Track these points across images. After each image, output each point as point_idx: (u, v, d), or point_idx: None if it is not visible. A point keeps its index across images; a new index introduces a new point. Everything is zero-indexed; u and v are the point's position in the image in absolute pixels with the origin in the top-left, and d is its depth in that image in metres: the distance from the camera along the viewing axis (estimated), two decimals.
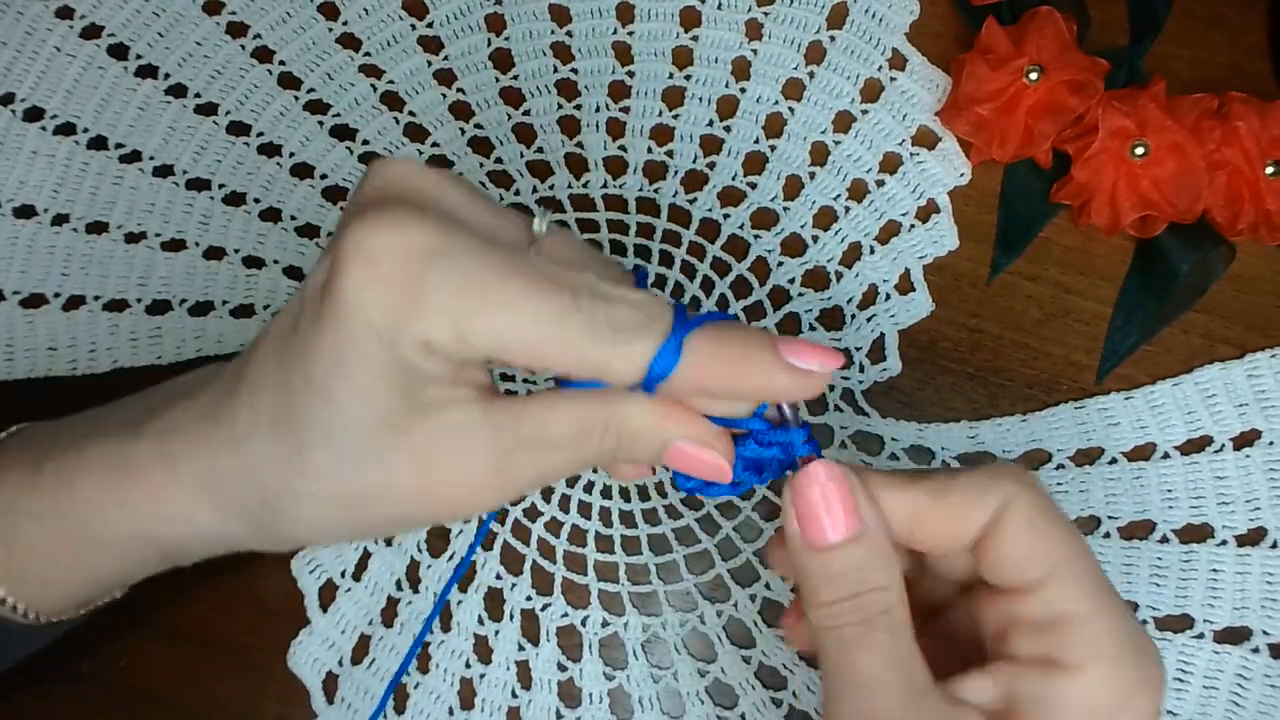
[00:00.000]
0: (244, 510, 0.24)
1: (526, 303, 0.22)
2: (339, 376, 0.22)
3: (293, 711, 0.35)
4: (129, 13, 0.43)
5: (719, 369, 0.23)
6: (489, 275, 0.22)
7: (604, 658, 0.36)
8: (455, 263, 0.21)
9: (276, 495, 0.23)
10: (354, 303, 0.21)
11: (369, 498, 0.23)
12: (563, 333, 0.22)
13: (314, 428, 0.23)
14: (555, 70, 0.43)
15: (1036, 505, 0.23)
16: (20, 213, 0.40)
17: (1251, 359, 0.39)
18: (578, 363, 0.22)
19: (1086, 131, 0.39)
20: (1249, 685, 0.36)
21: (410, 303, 0.21)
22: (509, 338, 0.22)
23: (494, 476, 0.23)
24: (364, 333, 0.21)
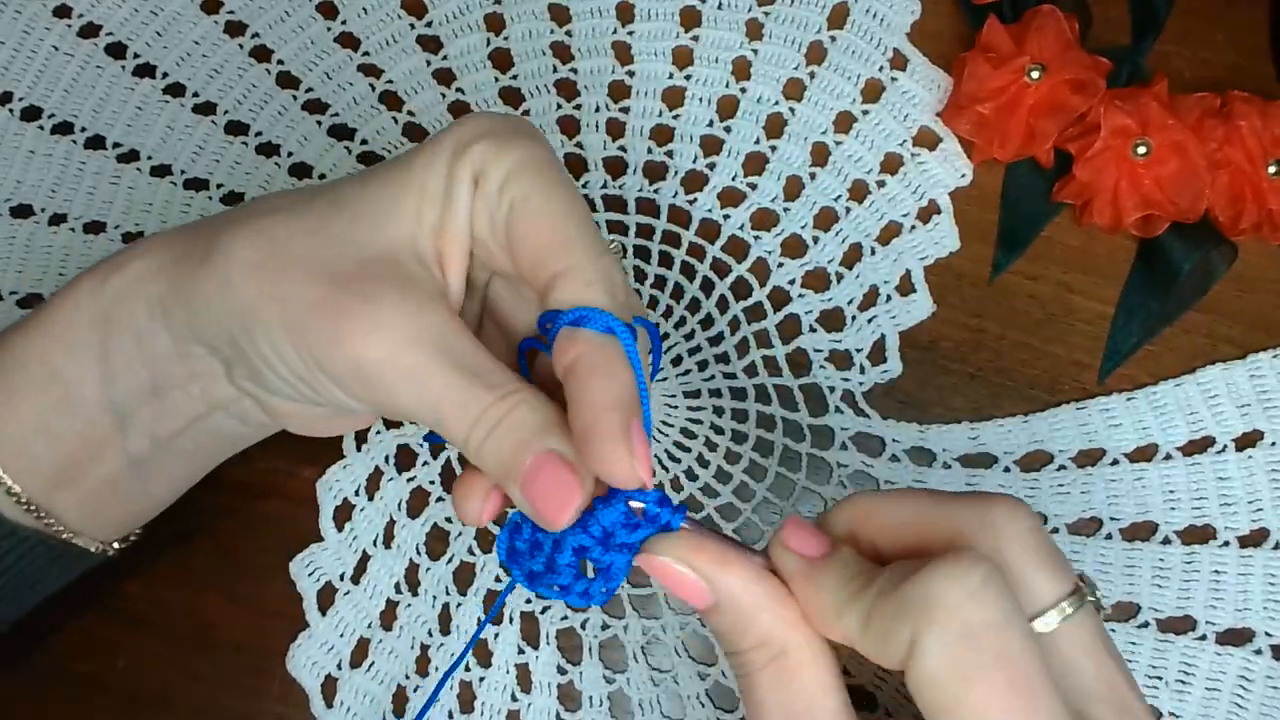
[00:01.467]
0: (187, 257, 0.26)
1: (568, 198, 0.26)
2: (400, 171, 0.26)
3: (292, 713, 0.35)
4: (127, 11, 0.43)
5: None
6: (551, 165, 0.26)
7: (604, 661, 0.36)
8: (538, 143, 0.26)
9: (218, 234, 0.26)
10: (463, 123, 0.26)
11: (289, 271, 0.25)
12: (572, 228, 0.26)
13: (326, 197, 0.26)
14: (555, 70, 0.43)
15: (946, 653, 0.19)
16: (17, 212, 0.40)
17: (1254, 359, 0.39)
18: (563, 249, 0.25)
19: (1088, 130, 0.39)
20: (1251, 687, 0.35)
21: (495, 137, 0.26)
22: (535, 206, 0.25)
23: (398, 329, 0.24)
24: (453, 142, 0.26)
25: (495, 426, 0.24)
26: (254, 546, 0.36)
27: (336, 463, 0.37)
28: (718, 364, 0.39)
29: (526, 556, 0.25)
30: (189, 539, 0.36)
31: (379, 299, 0.24)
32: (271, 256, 0.25)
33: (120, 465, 0.28)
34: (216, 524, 0.37)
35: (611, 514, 0.24)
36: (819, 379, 0.39)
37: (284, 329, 0.25)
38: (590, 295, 0.25)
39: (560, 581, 0.25)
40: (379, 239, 0.25)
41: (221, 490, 0.37)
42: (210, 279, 0.25)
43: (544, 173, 0.26)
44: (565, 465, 0.24)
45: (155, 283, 0.26)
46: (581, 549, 0.24)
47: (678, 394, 0.39)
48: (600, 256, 0.25)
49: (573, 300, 0.24)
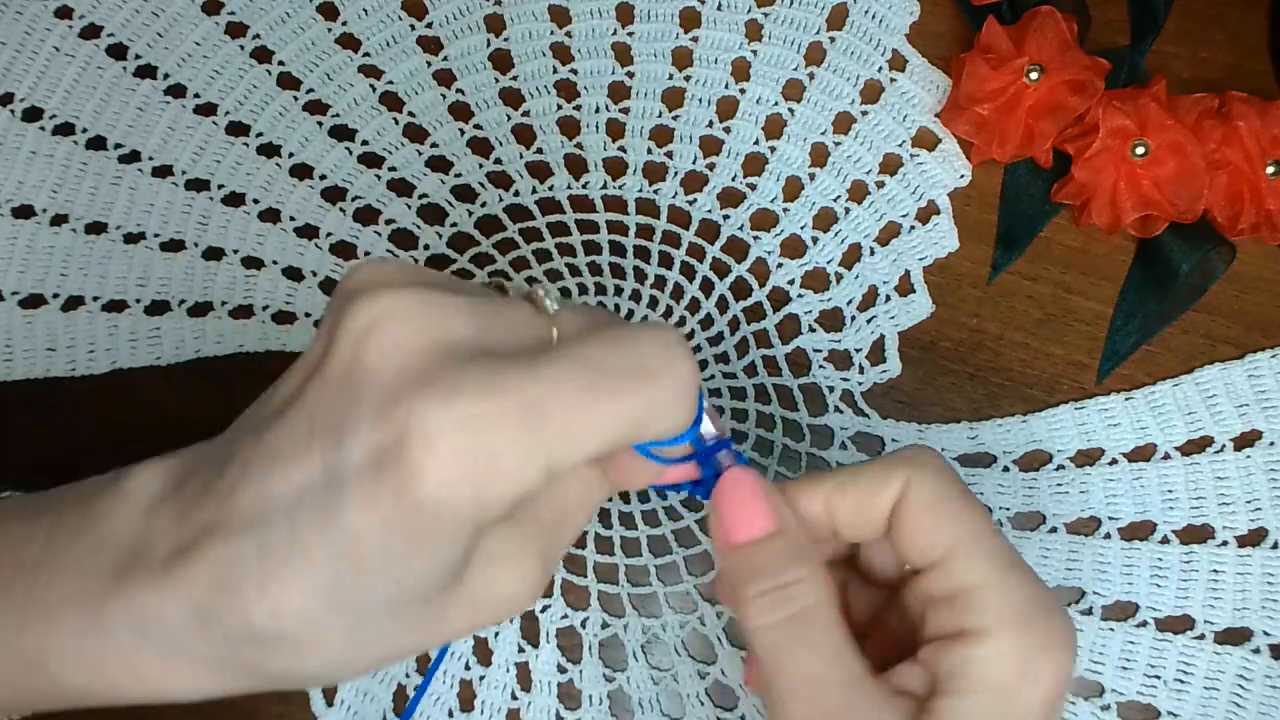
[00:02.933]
0: (240, 669, 0.21)
1: (594, 410, 0.20)
2: (403, 557, 0.19)
3: (293, 711, 0.35)
4: (128, 13, 0.43)
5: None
6: (550, 400, 0.19)
7: (604, 659, 0.36)
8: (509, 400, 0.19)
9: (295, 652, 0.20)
10: (439, 489, 0.19)
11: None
12: (629, 416, 0.20)
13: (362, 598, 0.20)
14: (555, 71, 0.43)
15: (935, 485, 0.24)
16: (19, 213, 0.40)
17: (1252, 359, 0.39)
18: (643, 433, 0.21)
19: (1087, 131, 0.39)
20: (1250, 686, 0.36)
21: (493, 465, 0.19)
22: (590, 449, 0.20)
23: (542, 575, 0.22)
24: (448, 516, 0.19)
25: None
26: None
27: None
28: (717, 364, 0.39)
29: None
30: None
31: (515, 574, 0.22)
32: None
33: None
34: None
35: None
36: (818, 379, 0.39)
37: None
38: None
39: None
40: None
41: None
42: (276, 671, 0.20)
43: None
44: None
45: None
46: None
47: None
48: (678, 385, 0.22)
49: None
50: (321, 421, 0.20)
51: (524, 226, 0.41)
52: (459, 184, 0.41)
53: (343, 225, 0.41)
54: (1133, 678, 0.36)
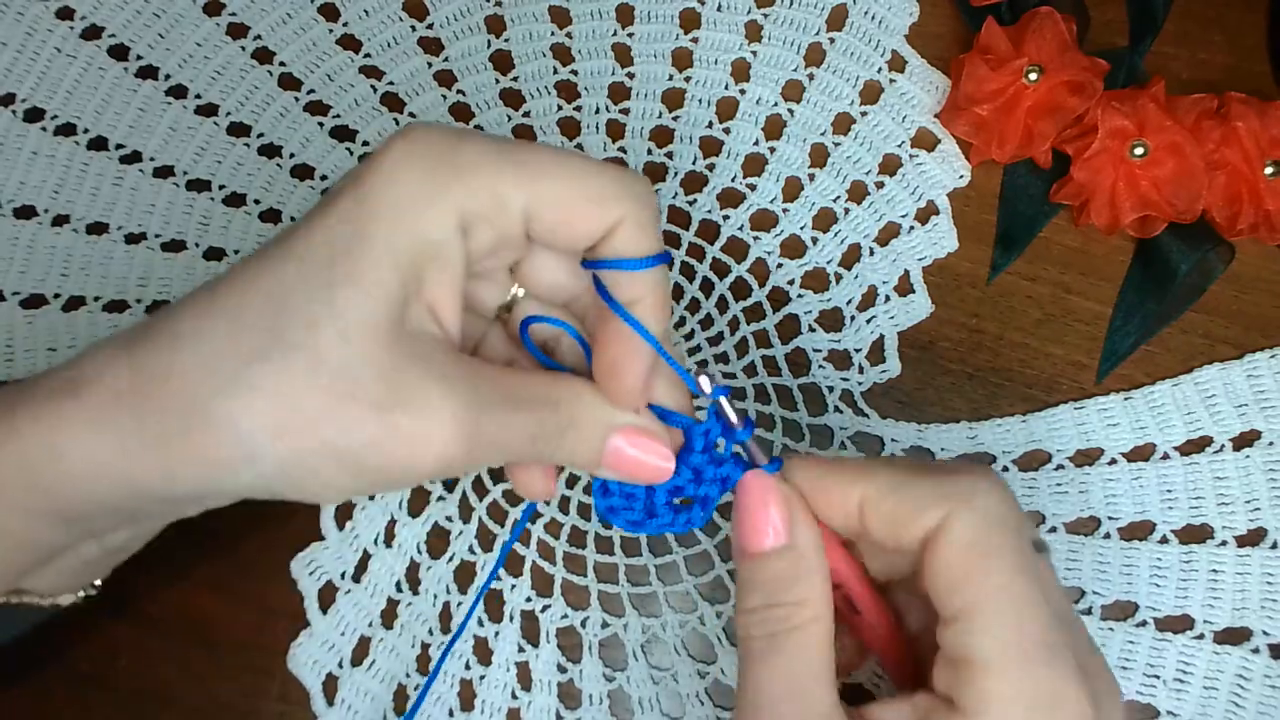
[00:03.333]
0: (161, 434, 0.23)
1: (560, 163, 0.24)
2: (352, 259, 0.22)
3: (293, 711, 0.35)
4: (129, 14, 0.43)
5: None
6: (519, 146, 0.24)
7: (604, 659, 0.36)
8: (486, 138, 0.23)
9: (208, 404, 0.22)
10: (391, 172, 0.22)
11: (320, 418, 0.22)
12: (596, 188, 0.24)
13: (295, 321, 0.22)
14: (555, 72, 0.43)
15: (975, 530, 0.22)
16: (20, 213, 0.40)
17: (1251, 359, 0.39)
18: (606, 219, 0.24)
19: (1086, 132, 0.39)
20: (1249, 686, 0.36)
21: (449, 170, 0.23)
22: (552, 198, 0.23)
23: (460, 431, 0.23)
24: (397, 204, 0.22)
25: (562, 435, 0.24)
26: (255, 545, 0.36)
27: None
28: (717, 364, 0.39)
29: (624, 509, 0.27)
30: (190, 537, 0.36)
31: (429, 406, 0.23)
32: (289, 418, 0.22)
33: (96, 553, 0.27)
34: (218, 522, 0.37)
35: (696, 458, 0.26)
36: (818, 379, 0.39)
37: (340, 468, 0.23)
38: (645, 237, 0.25)
39: (661, 523, 0.26)
40: (376, 341, 0.23)
41: None
42: (225, 456, 0.23)
43: (528, 164, 0.24)
44: (642, 434, 0.25)
45: (125, 462, 0.23)
46: (676, 489, 0.26)
47: None
48: (636, 190, 0.24)
49: (629, 249, 0.25)
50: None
51: None
52: None
53: None
54: (1132, 677, 0.36)
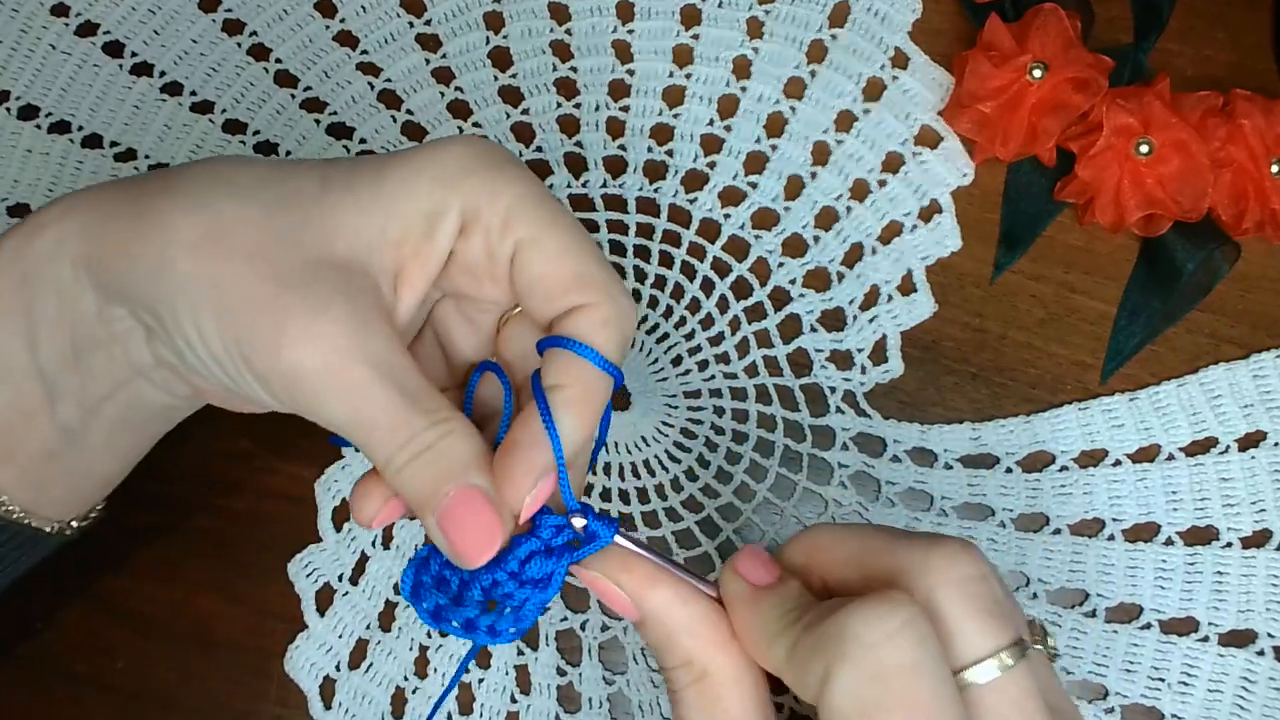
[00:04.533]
0: (111, 218, 0.25)
1: (576, 234, 0.26)
2: (361, 176, 0.25)
3: (291, 714, 0.35)
4: (124, 10, 0.43)
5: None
6: (555, 201, 0.26)
7: (603, 662, 0.36)
8: (535, 179, 0.26)
9: (152, 199, 0.24)
10: (446, 142, 0.25)
11: (230, 259, 0.23)
12: (591, 269, 0.25)
13: (279, 181, 0.25)
14: (554, 69, 0.43)
15: (853, 691, 0.19)
16: (15, 211, 0.40)
17: (1257, 359, 0.39)
18: (578, 295, 0.25)
19: (1090, 129, 0.39)
20: (1254, 688, 0.35)
21: (488, 165, 0.25)
22: (547, 245, 0.25)
23: (325, 351, 0.23)
24: (431, 160, 0.25)
25: (421, 452, 0.23)
26: (253, 547, 0.36)
27: (335, 463, 0.37)
28: (718, 364, 0.39)
29: (433, 591, 0.25)
30: (188, 539, 0.36)
31: (325, 307, 0.23)
32: (213, 238, 0.24)
33: (53, 435, 0.27)
34: (215, 524, 0.37)
35: (529, 546, 0.24)
36: (820, 379, 0.39)
37: (215, 316, 0.24)
38: (604, 336, 0.25)
39: (465, 615, 0.24)
40: (333, 246, 0.24)
41: (221, 491, 0.37)
42: (143, 247, 0.24)
43: (546, 208, 0.25)
44: (487, 503, 0.23)
45: (81, 242, 0.25)
46: (493, 585, 0.24)
47: (678, 394, 0.38)
48: (618, 296, 0.25)
49: (585, 335, 0.25)
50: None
51: None
52: None
53: None
54: (1137, 680, 0.35)
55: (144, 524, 0.36)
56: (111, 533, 0.31)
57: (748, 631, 0.23)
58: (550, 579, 0.24)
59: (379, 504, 0.25)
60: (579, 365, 0.25)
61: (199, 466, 0.37)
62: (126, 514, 0.32)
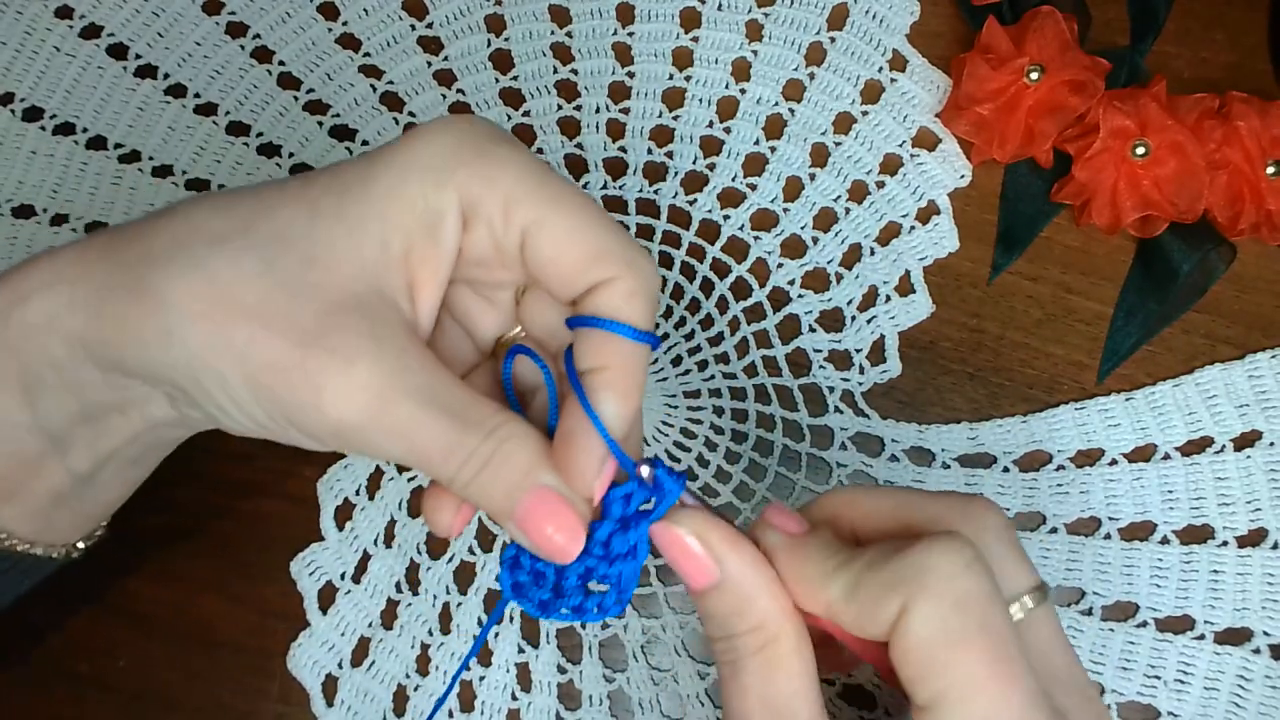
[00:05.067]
0: (106, 290, 0.24)
1: (580, 204, 0.24)
2: (349, 196, 0.23)
3: (293, 712, 0.35)
4: (128, 13, 0.43)
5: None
6: (549, 171, 0.24)
7: (604, 660, 0.36)
8: (526, 152, 0.24)
9: (149, 270, 0.23)
10: (423, 134, 0.24)
11: (242, 319, 0.22)
12: (602, 239, 0.24)
13: (267, 227, 0.23)
14: (555, 71, 0.43)
15: (932, 618, 0.20)
16: (19, 212, 0.40)
17: (1252, 359, 0.39)
18: (597, 271, 0.24)
19: (1087, 131, 0.39)
20: (1250, 686, 0.36)
21: (474, 151, 0.24)
22: (554, 227, 0.24)
23: (364, 399, 0.22)
24: (412, 162, 0.23)
25: (483, 467, 0.23)
26: (255, 546, 0.36)
27: (337, 462, 0.37)
28: (717, 364, 0.39)
29: (532, 587, 0.25)
30: (190, 538, 0.36)
31: (353, 355, 0.22)
32: (217, 305, 0.23)
33: (63, 480, 0.27)
34: (218, 523, 0.37)
35: (607, 527, 0.24)
36: (818, 379, 0.39)
37: (245, 385, 0.23)
38: (633, 308, 0.24)
39: (571, 604, 0.25)
40: (338, 280, 0.23)
41: (222, 490, 0.37)
42: (146, 325, 0.23)
43: (547, 186, 0.24)
44: (561, 502, 0.23)
45: (72, 318, 0.24)
46: (587, 571, 0.24)
47: (678, 394, 0.39)
48: (638, 262, 0.24)
49: (613, 311, 0.24)
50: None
51: None
52: None
53: None
54: (1133, 678, 0.36)
55: (146, 524, 0.36)
56: (114, 533, 0.32)
57: (796, 574, 0.23)
58: (636, 549, 0.24)
59: (451, 513, 0.25)
60: (614, 343, 0.24)
61: (201, 467, 0.37)
62: (129, 515, 0.32)
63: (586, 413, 0.23)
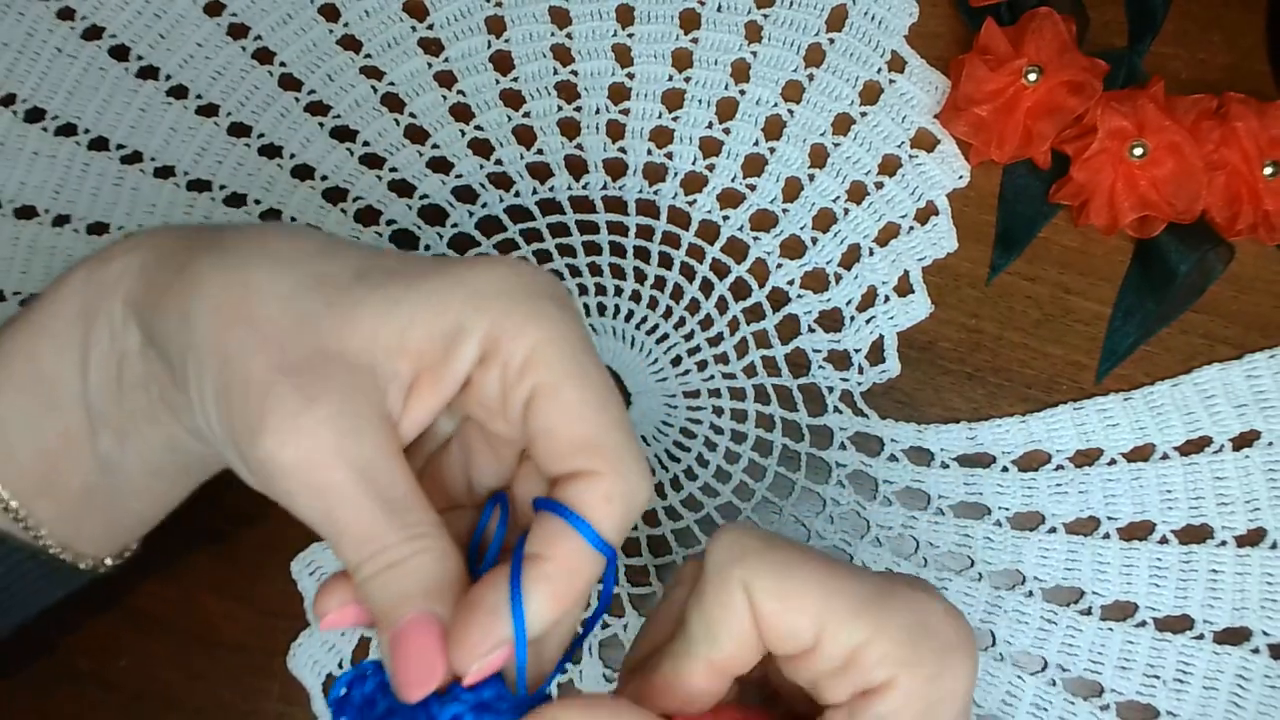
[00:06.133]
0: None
1: (606, 385, 0.24)
2: (414, 282, 0.24)
3: (294, 712, 0.35)
4: (130, 14, 0.43)
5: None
6: (588, 344, 0.24)
7: (604, 659, 0.36)
8: (569, 318, 0.24)
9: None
10: (495, 267, 0.24)
11: (255, 324, 0.23)
12: (609, 432, 0.23)
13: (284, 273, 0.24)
14: (555, 72, 0.43)
15: (772, 577, 0.21)
16: (21, 214, 0.40)
17: (1250, 359, 0.39)
18: (591, 452, 0.23)
19: (1085, 132, 0.39)
20: (1249, 686, 0.36)
21: (524, 303, 0.23)
22: (561, 400, 0.23)
23: (320, 435, 0.22)
24: (472, 285, 0.23)
25: (390, 567, 0.22)
26: (255, 545, 0.36)
27: None
28: (717, 364, 0.39)
29: (356, 711, 0.23)
30: (191, 538, 0.37)
31: (318, 400, 0.22)
32: (237, 306, 0.23)
33: (93, 467, 0.27)
34: (219, 523, 0.37)
35: (455, 709, 0.22)
36: (818, 379, 0.39)
37: (214, 386, 0.23)
38: (604, 512, 0.23)
39: None
40: (346, 339, 0.23)
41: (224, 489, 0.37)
42: (173, 300, 0.24)
43: (575, 358, 0.23)
44: (438, 638, 0.22)
45: (134, 281, 0.26)
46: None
47: (678, 394, 0.39)
48: (630, 470, 0.23)
49: (585, 508, 0.22)
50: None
51: (524, 227, 0.41)
52: (460, 185, 0.41)
53: (344, 226, 0.41)
54: (1132, 678, 0.36)
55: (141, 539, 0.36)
56: None
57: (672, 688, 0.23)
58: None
59: (338, 604, 0.24)
60: (569, 538, 0.22)
61: None
62: None
63: (512, 593, 0.22)
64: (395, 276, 0.24)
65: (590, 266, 0.40)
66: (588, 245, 0.41)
